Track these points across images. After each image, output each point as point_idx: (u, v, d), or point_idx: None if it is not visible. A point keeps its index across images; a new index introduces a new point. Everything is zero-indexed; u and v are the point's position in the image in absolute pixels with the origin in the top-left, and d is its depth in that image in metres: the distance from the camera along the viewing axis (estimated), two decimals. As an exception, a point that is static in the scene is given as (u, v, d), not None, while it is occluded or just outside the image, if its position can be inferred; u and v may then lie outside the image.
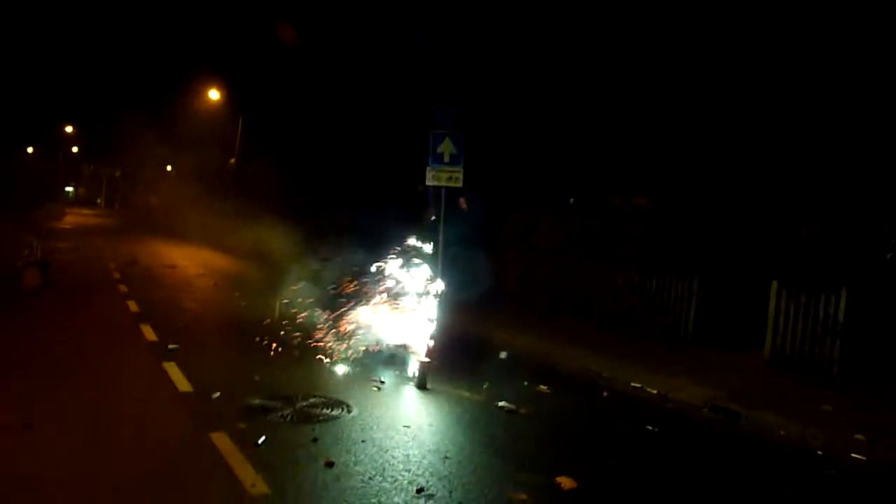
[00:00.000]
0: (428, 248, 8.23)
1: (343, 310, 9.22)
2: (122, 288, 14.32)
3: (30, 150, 54.72)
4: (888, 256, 10.27)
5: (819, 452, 6.63)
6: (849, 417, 7.39)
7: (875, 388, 8.69)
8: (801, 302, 9.94)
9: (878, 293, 9.67)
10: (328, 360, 8.76)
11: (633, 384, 8.82)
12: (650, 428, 7.08)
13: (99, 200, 75.96)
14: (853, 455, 6.51)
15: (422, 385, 7.86)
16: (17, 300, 11.82)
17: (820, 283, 9.85)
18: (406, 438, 6.16)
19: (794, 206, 11.97)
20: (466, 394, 7.79)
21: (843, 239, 10.92)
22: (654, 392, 8.51)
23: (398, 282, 8.46)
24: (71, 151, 70.04)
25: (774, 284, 10.31)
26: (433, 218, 9.06)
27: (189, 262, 20.57)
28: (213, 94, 33.50)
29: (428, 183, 10.84)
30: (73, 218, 42.86)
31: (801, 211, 11.80)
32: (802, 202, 11.82)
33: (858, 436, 6.77)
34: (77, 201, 73.51)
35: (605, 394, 8.46)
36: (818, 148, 11.55)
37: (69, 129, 61.73)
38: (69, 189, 78.05)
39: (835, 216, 11.16)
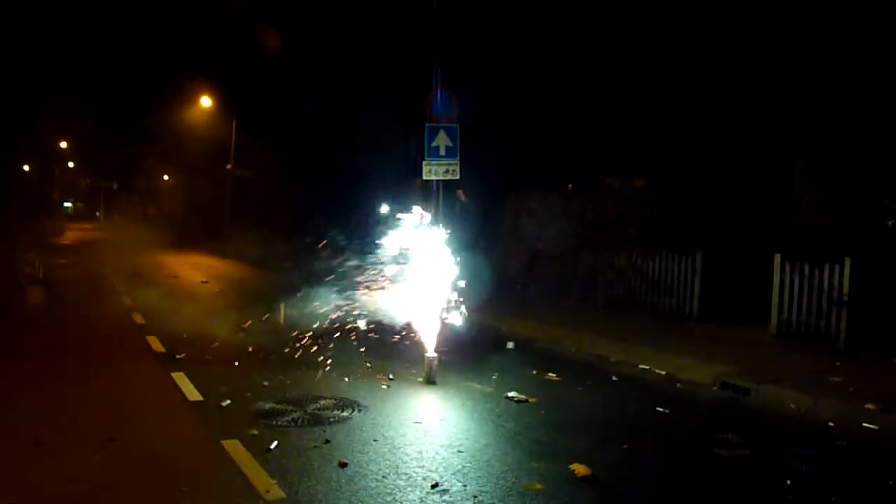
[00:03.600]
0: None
1: (348, 305, 9.21)
2: (126, 301, 14.33)
3: (26, 167, 54.63)
4: (890, 224, 10.26)
5: (830, 424, 6.63)
6: (858, 388, 7.39)
7: (883, 357, 8.69)
8: (805, 274, 9.94)
9: (882, 261, 9.66)
10: (336, 359, 8.77)
11: (641, 366, 8.84)
12: (660, 409, 7.09)
13: (98, 214, 76.02)
14: (865, 425, 6.51)
15: (430, 380, 7.86)
16: (22, 318, 11.83)
17: (823, 254, 9.84)
18: (418, 434, 6.17)
19: (795, 177, 11.93)
20: (476, 386, 7.80)
21: (845, 208, 10.90)
22: (663, 373, 8.52)
23: (405, 268, 8.28)
24: (67, 166, 69.99)
25: (777, 258, 10.31)
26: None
27: (191, 270, 20.59)
28: (206, 102, 33.45)
29: (425, 177, 10.83)
30: (72, 233, 42.95)
31: (802, 182, 11.76)
32: (803, 174, 11.78)
33: (869, 405, 6.77)
34: (76, 216, 73.58)
35: (613, 378, 8.47)
36: (816, 116, 11.49)
37: (63, 144, 61.64)
38: (68, 204, 78.09)
39: (835, 186, 11.13)
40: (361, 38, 21.81)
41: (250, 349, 9.49)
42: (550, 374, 8.37)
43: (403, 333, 8.42)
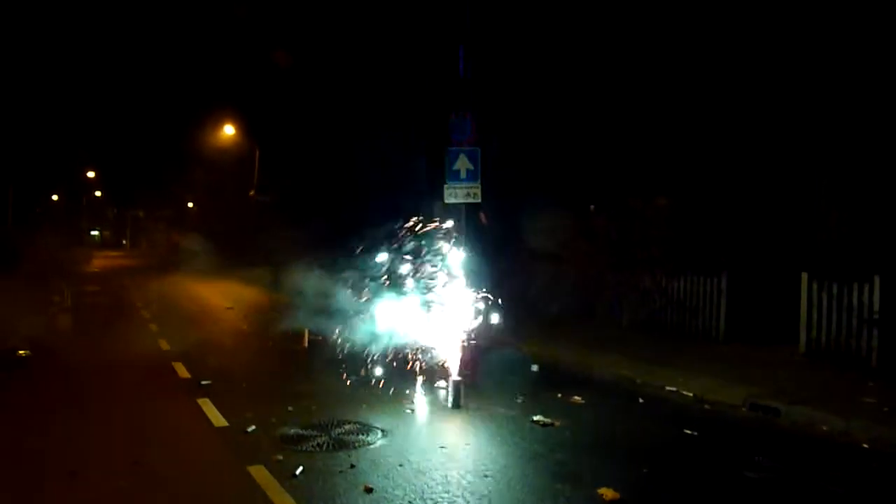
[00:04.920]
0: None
1: (371, 330, 9.21)
2: (153, 327, 14.47)
3: (55, 197, 55.69)
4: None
5: (864, 446, 6.49)
6: (893, 408, 7.24)
7: (917, 375, 8.51)
8: (834, 292, 9.79)
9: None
10: (360, 384, 8.77)
11: (668, 388, 8.73)
12: (689, 431, 6.99)
13: (124, 242, 77.20)
14: (901, 446, 6.37)
15: (455, 404, 7.82)
16: (51, 346, 11.97)
17: (852, 271, 9.69)
18: (443, 459, 6.14)
19: (820, 193, 11.80)
20: (500, 410, 7.75)
21: (872, 225, 10.75)
22: (690, 395, 8.40)
23: (430, 294, 8.25)
24: (94, 195, 71.20)
25: (804, 276, 10.17)
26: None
27: (216, 296, 20.75)
28: (229, 130, 33.95)
29: (446, 200, 10.87)
30: (100, 261, 43.55)
31: (828, 198, 11.62)
32: (828, 189, 11.64)
33: (904, 426, 6.63)
34: (103, 244, 74.71)
35: (640, 400, 8.37)
36: (841, 131, 11.38)
37: (91, 174, 62.76)
38: (95, 233, 79.34)
39: (862, 201, 10.99)
40: (382, 63, 22.03)
41: (275, 374, 9.53)
42: (576, 397, 8.29)
43: (427, 357, 8.39)
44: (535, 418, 7.31)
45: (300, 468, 5.76)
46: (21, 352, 10.96)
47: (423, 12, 18.52)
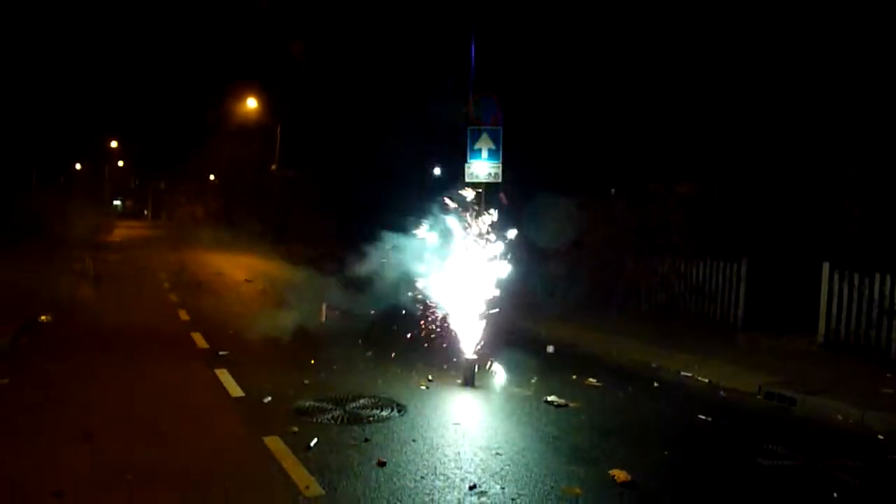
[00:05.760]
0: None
1: (388, 306, 9.27)
2: (173, 297, 14.63)
3: (78, 166, 56.12)
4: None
5: (880, 437, 6.45)
6: (910, 400, 7.18)
7: (937, 368, 8.43)
8: (855, 283, 9.69)
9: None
10: (376, 359, 8.84)
11: (683, 373, 8.71)
12: (703, 417, 6.98)
13: (146, 212, 77.87)
14: (917, 438, 6.32)
15: (469, 382, 7.86)
16: (71, 314, 12.15)
17: (874, 262, 9.58)
18: (456, 436, 6.18)
19: (844, 183, 11.66)
20: (515, 389, 7.78)
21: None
22: (706, 381, 8.38)
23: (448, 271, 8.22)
24: (117, 165, 71.64)
25: (826, 266, 10.06)
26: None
27: (235, 269, 20.91)
28: (251, 103, 34.00)
29: (467, 180, 10.85)
30: (122, 231, 43.99)
31: (852, 188, 11.49)
32: (852, 179, 11.50)
33: (921, 418, 6.57)
34: (125, 214, 75.38)
35: (655, 384, 8.36)
36: (867, 121, 11.22)
37: (114, 143, 63.11)
38: (117, 203, 80.00)
39: (886, 191, 10.84)
40: (403, 42, 21.96)
41: (292, 347, 9.61)
42: (591, 379, 8.30)
43: (443, 334, 8.43)
44: (550, 398, 7.33)
45: (315, 440, 5.83)
46: (42, 317, 11.14)
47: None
